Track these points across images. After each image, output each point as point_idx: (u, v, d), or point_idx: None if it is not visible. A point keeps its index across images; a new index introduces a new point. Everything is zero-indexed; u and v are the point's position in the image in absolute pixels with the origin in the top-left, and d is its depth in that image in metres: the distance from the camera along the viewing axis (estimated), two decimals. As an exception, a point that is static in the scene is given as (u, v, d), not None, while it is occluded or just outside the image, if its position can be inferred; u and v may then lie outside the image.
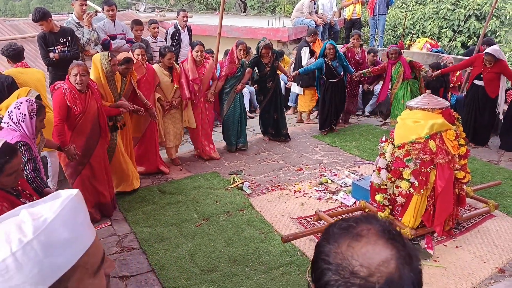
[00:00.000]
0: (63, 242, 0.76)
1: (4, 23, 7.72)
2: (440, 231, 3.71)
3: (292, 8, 11.85)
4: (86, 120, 3.86)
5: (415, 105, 3.77)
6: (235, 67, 5.75)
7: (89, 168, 4.03)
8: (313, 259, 0.85)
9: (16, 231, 0.74)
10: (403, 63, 6.36)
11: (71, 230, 0.78)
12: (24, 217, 0.77)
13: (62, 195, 0.82)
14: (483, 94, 6.03)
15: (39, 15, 4.83)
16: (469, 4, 10.87)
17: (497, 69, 5.83)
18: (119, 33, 5.94)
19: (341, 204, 4.53)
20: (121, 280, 3.33)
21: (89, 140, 3.96)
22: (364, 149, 6.09)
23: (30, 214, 0.77)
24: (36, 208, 0.80)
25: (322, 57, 6.45)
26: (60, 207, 0.78)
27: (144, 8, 12.94)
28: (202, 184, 5.00)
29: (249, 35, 9.15)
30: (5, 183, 2.14)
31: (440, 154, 3.52)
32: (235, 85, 5.82)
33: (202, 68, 5.47)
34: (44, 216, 0.76)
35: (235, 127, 5.94)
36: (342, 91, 6.71)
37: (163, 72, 5.20)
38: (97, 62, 4.22)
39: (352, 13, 9.57)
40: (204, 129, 5.69)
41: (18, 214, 0.79)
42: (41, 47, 5.00)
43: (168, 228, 4.06)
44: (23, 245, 0.72)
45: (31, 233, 0.74)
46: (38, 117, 2.75)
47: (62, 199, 0.80)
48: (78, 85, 3.72)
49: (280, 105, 6.40)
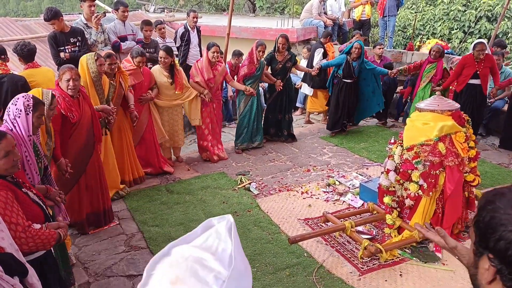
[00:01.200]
0: (244, 272, 0.72)
1: (16, 23, 7.82)
2: (449, 234, 3.68)
3: (301, 9, 11.83)
4: (82, 127, 3.66)
5: (425, 106, 3.75)
6: (254, 67, 5.81)
7: (84, 177, 3.84)
8: (490, 231, 0.86)
9: (203, 269, 0.68)
10: (439, 66, 6.20)
11: (244, 258, 0.73)
12: (196, 253, 0.70)
13: (217, 222, 0.76)
14: (480, 93, 5.95)
15: (51, 14, 4.89)
16: (480, 5, 10.77)
17: (489, 63, 5.80)
18: (129, 33, 5.98)
19: (349, 205, 4.51)
20: (128, 279, 3.35)
21: (85, 148, 3.77)
22: (373, 151, 6.06)
23: (203, 249, 0.71)
24: (199, 240, 0.73)
25: (346, 54, 6.42)
26: (229, 235, 0.73)
27: (153, 8, 13.00)
28: (210, 184, 5.01)
29: (258, 35, 9.15)
30: (4, 167, 2.13)
31: (449, 156, 3.49)
32: (253, 84, 5.87)
33: (214, 70, 5.49)
34: (222, 247, 0.71)
35: (251, 126, 5.98)
36: (355, 93, 6.66)
37: (162, 73, 5.16)
38: (84, 63, 4.09)
39: (361, 14, 9.53)
40: (213, 128, 5.71)
41: (171, 254, 0.72)
42: (51, 46, 5.06)
43: (175, 227, 4.07)
44: (222, 284, 0.66)
45: (224, 268, 0.68)
46: (34, 113, 2.63)
47: (226, 227, 0.74)
48: (70, 90, 3.49)
49: (287, 107, 6.36)
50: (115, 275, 3.40)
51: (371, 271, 3.41)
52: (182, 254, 0.71)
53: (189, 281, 0.67)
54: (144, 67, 5.01)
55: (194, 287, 0.66)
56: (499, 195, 0.91)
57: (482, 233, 0.88)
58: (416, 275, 3.36)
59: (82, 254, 3.68)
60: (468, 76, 5.95)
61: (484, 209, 0.90)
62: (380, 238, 3.88)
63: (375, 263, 3.50)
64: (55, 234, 2.23)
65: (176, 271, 0.68)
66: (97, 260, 3.59)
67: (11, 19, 8.22)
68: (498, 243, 0.83)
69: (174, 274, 0.68)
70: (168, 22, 9.41)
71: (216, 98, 5.69)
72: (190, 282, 0.67)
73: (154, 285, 0.69)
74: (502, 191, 0.91)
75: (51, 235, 2.19)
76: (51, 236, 2.19)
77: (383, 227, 3.98)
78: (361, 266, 3.46)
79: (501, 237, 0.83)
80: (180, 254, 0.71)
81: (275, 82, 6.09)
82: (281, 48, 6.04)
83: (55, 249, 2.74)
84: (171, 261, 0.71)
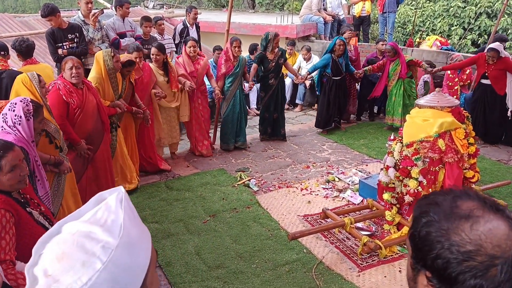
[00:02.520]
0: (138, 239, 0.72)
1: (14, 20, 7.79)
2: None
3: (300, 5, 11.79)
4: (86, 115, 3.70)
5: (425, 103, 3.74)
6: (231, 65, 5.70)
7: (92, 168, 3.88)
8: (426, 248, 0.80)
9: (90, 241, 0.68)
10: (401, 62, 6.35)
11: (138, 226, 0.73)
12: (84, 228, 0.70)
13: (108, 195, 0.76)
14: (491, 93, 5.97)
15: (47, 10, 4.88)
16: (480, 1, 10.74)
17: (501, 65, 5.78)
18: (128, 30, 5.97)
19: (348, 202, 4.51)
20: (128, 275, 3.35)
21: (92, 138, 3.80)
22: (372, 147, 6.06)
23: (92, 223, 0.71)
24: (88, 215, 0.73)
25: (329, 53, 6.40)
26: (119, 205, 0.73)
27: (152, 4, 12.95)
28: (209, 180, 5.01)
29: (257, 32, 9.12)
30: (8, 182, 1.95)
31: (449, 153, 3.49)
32: (234, 82, 5.75)
33: (196, 64, 5.47)
34: (111, 218, 0.71)
35: (234, 125, 5.87)
36: (345, 89, 6.64)
37: (158, 72, 5.13)
38: (100, 59, 4.16)
39: (361, 10, 9.50)
40: (198, 123, 5.65)
41: (61, 231, 0.72)
42: (49, 43, 5.04)
43: (175, 224, 4.08)
44: (111, 252, 0.67)
45: (113, 238, 0.69)
46: (36, 119, 2.49)
47: (116, 197, 0.74)
48: (74, 78, 3.56)
49: (281, 105, 6.30)
50: (115, 271, 3.40)
51: (371, 267, 3.42)
52: (70, 230, 0.71)
53: (75, 254, 0.67)
54: (144, 62, 4.98)
55: (80, 259, 0.66)
56: (434, 205, 0.82)
57: (418, 248, 0.81)
58: (415, 271, 3.36)
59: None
60: (479, 75, 6.06)
61: (418, 221, 0.82)
62: (380, 234, 3.88)
63: (374, 259, 3.51)
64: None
65: (62, 247, 0.68)
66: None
67: (10, 15, 8.19)
68: (435, 262, 0.77)
69: (60, 250, 0.68)
70: (167, 18, 9.38)
71: (202, 93, 5.64)
72: (76, 256, 0.67)
73: (42, 263, 0.69)
74: (436, 200, 0.83)
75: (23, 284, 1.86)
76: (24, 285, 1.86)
77: (382, 223, 3.98)
78: (360, 263, 3.47)
79: (438, 255, 0.76)
80: (68, 231, 0.71)
81: (248, 82, 6.01)
82: (274, 46, 5.94)
83: None
84: (59, 239, 0.71)
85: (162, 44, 5.22)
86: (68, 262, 0.67)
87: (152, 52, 5.05)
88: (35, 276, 0.68)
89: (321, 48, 8.97)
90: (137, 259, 0.72)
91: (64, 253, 0.67)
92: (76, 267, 0.66)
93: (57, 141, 3.09)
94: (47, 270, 0.68)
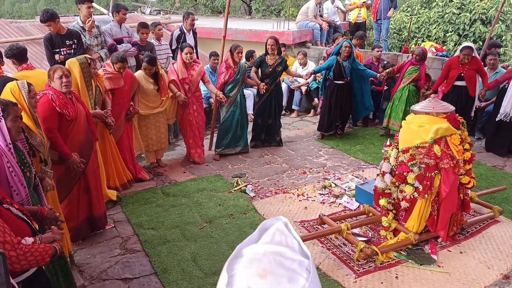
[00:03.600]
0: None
1: (10, 25, 7.78)
2: (444, 236, 3.69)
3: (297, 12, 11.86)
4: (79, 126, 3.56)
5: (420, 109, 3.76)
6: (233, 72, 5.70)
7: (84, 179, 3.74)
8: None
9: (285, 260, 0.70)
10: (422, 71, 6.31)
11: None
12: (271, 248, 0.71)
13: (272, 222, 0.77)
14: (465, 94, 6.04)
15: (47, 15, 4.88)
16: (475, 8, 10.84)
17: (475, 65, 5.87)
18: (125, 36, 5.98)
19: (345, 208, 4.51)
20: (123, 282, 3.33)
21: (83, 148, 3.65)
22: (368, 153, 6.07)
23: (276, 244, 0.73)
24: (267, 238, 0.75)
25: (335, 55, 6.41)
26: (290, 230, 0.76)
27: (149, 11, 12.98)
28: (206, 186, 5.01)
29: (254, 38, 9.16)
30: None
31: (444, 158, 3.50)
32: (235, 88, 5.74)
33: (191, 70, 5.46)
34: (290, 240, 0.73)
35: (233, 130, 5.85)
36: (348, 95, 6.60)
37: (148, 80, 5.09)
38: (74, 66, 3.95)
39: (357, 17, 9.56)
40: (192, 130, 5.61)
41: (243, 255, 0.73)
42: (47, 48, 5.04)
43: (171, 230, 4.06)
44: (309, 270, 0.69)
45: (304, 257, 0.71)
46: (7, 118, 2.33)
47: (284, 225, 0.76)
48: (65, 87, 3.39)
49: (276, 111, 6.25)
50: (111, 278, 3.38)
51: (367, 273, 3.41)
52: (257, 251, 0.72)
53: (277, 271, 0.68)
54: (127, 70, 4.84)
55: (285, 275, 0.67)
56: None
57: None
58: (412, 277, 3.37)
59: (77, 257, 3.66)
60: (453, 77, 6.07)
61: None
62: (376, 240, 3.88)
63: (371, 265, 3.50)
64: (50, 249, 2.02)
65: (260, 265, 0.69)
66: (92, 263, 3.57)
67: (6, 21, 8.17)
68: None
69: (259, 268, 0.69)
70: (164, 24, 9.39)
71: (196, 99, 5.61)
72: (279, 272, 0.67)
73: (241, 282, 0.69)
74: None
75: (45, 250, 1.99)
76: (45, 251, 1.98)
77: (379, 229, 3.98)
78: (357, 269, 3.46)
79: None
80: (255, 252, 0.72)
81: (258, 84, 5.97)
82: (270, 50, 5.97)
83: (54, 264, 2.57)
84: (249, 259, 0.71)
85: (154, 57, 5.16)
86: (273, 278, 0.67)
87: (143, 67, 5.04)
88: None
89: (317, 54, 9.01)
90: (319, 281, 0.73)
91: (266, 270, 0.68)
92: (282, 282, 0.66)
93: (42, 155, 2.99)
94: (251, 287, 0.67)
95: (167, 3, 17.38)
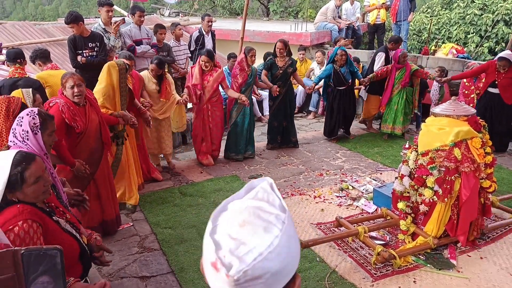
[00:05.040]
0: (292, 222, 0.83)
1: (34, 27, 7.98)
2: (464, 241, 3.62)
3: (315, 13, 11.82)
4: (89, 137, 3.49)
5: (440, 111, 3.70)
6: (246, 74, 5.66)
7: (94, 185, 3.71)
8: None
9: (263, 213, 0.78)
10: (407, 71, 6.34)
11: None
12: (253, 203, 0.80)
13: (259, 182, 0.85)
14: (498, 102, 5.90)
15: (70, 18, 5.01)
16: (498, 9, 10.60)
17: (510, 73, 5.71)
18: (144, 37, 6.06)
19: (362, 211, 4.47)
20: (141, 280, 3.38)
21: (93, 155, 3.59)
22: (387, 156, 6.01)
23: (258, 199, 0.81)
24: (250, 195, 0.83)
25: (331, 63, 6.36)
26: (273, 189, 0.84)
27: (168, 12, 13.14)
28: (222, 187, 5.03)
29: (272, 39, 9.17)
30: (33, 194, 1.88)
31: (465, 162, 3.44)
32: (246, 92, 5.67)
33: (207, 75, 5.42)
34: (272, 197, 0.82)
35: (244, 135, 5.78)
36: (350, 99, 6.52)
37: (151, 80, 5.08)
38: (114, 69, 3.98)
39: (376, 18, 9.48)
40: (205, 136, 5.58)
41: (228, 208, 0.82)
42: (70, 49, 5.16)
43: (188, 230, 4.10)
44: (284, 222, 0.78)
45: (281, 212, 0.80)
46: (44, 132, 2.32)
47: (268, 185, 0.84)
48: (77, 98, 3.31)
49: (290, 112, 6.23)
50: (128, 276, 3.43)
51: (385, 277, 3.38)
52: (240, 205, 0.81)
53: (255, 221, 0.77)
54: (133, 70, 4.86)
55: (261, 225, 0.76)
56: None
57: None
58: (430, 282, 3.31)
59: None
60: (487, 83, 5.96)
61: None
62: (394, 244, 3.84)
63: (388, 269, 3.46)
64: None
65: (241, 217, 0.78)
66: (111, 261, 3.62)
67: (30, 23, 8.40)
68: None
69: (240, 219, 0.78)
70: (182, 26, 9.49)
71: (212, 105, 5.53)
72: (257, 222, 0.77)
73: (223, 230, 0.78)
74: None
75: None
76: None
77: (396, 233, 3.94)
78: (374, 272, 3.43)
79: None
80: (238, 206, 0.81)
81: (271, 87, 5.91)
82: (279, 53, 5.91)
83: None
84: (232, 211, 0.81)
85: (163, 61, 5.15)
86: (251, 227, 0.76)
87: (151, 68, 5.03)
88: (217, 241, 0.77)
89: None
90: (296, 234, 0.83)
91: (245, 221, 0.77)
92: (258, 231, 0.76)
93: None
94: (231, 234, 0.76)
95: (186, 5, 17.54)
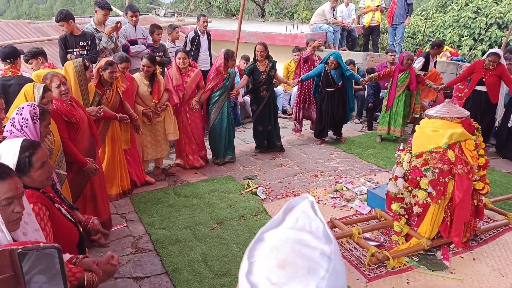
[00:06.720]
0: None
1: (28, 26, 7.93)
2: (459, 242, 3.64)
3: (310, 15, 11.85)
4: (83, 131, 3.51)
5: (434, 113, 3.72)
6: (222, 78, 5.56)
7: (90, 185, 3.70)
8: None
9: (306, 248, 0.68)
10: (411, 74, 6.33)
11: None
12: (294, 235, 0.70)
13: (298, 202, 0.75)
14: (485, 100, 5.96)
15: (60, 16, 5.04)
16: (491, 12, 10.70)
17: (498, 71, 5.78)
18: (140, 37, 6.05)
19: (356, 212, 4.49)
20: (135, 281, 3.36)
21: (89, 152, 3.60)
22: (381, 157, 6.03)
23: (299, 229, 0.71)
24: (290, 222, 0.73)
25: (324, 63, 6.38)
26: (316, 212, 0.73)
27: (164, 12, 13.12)
28: (217, 188, 5.03)
29: (267, 40, 9.14)
30: (39, 178, 1.98)
31: (458, 164, 3.46)
32: (222, 95, 5.58)
33: (185, 76, 5.34)
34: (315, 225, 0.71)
35: (223, 139, 5.68)
36: (339, 101, 6.47)
37: (143, 82, 5.00)
38: (70, 68, 3.88)
39: (371, 20, 9.52)
40: (187, 137, 5.50)
41: (264, 239, 0.72)
42: (60, 48, 5.15)
43: (182, 230, 4.09)
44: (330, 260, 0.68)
45: (326, 245, 0.69)
46: (42, 122, 2.49)
47: (310, 206, 0.74)
48: (64, 96, 3.34)
49: (274, 116, 6.18)
50: (122, 277, 3.41)
51: (378, 278, 3.39)
52: (279, 237, 0.70)
53: (297, 262, 0.67)
54: (127, 73, 4.81)
55: (304, 267, 0.66)
56: None
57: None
58: (423, 283, 3.33)
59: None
60: (474, 82, 6.00)
61: None
62: (388, 245, 3.86)
63: (382, 270, 3.48)
64: (79, 275, 1.76)
65: (280, 255, 0.68)
66: (104, 261, 3.60)
67: (24, 22, 8.34)
68: None
69: (279, 258, 0.67)
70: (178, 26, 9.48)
71: (191, 107, 5.43)
72: (299, 263, 0.66)
73: (261, 272, 0.68)
74: None
75: (72, 273, 1.74)
76: (72, 274, 1.74)
77: (390, 234, 3.95)
78: (368, 273, 3.44)
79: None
80: (277, 238, 0.70)
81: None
82: (259, 56, 5.79)
83: None
84: (270, 246, 0.70)
85: (154, 56, 5.11)
86: (292, 269, 0.66)
87: (143, 64, 4.90)
88: (254, 284, 0.67)
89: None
90: (343, 267, 0.71)
91: (286, 261, 0.67)
92: (301, 274, 0.66)
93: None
94: (271, 278, 0.66)
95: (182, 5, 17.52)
